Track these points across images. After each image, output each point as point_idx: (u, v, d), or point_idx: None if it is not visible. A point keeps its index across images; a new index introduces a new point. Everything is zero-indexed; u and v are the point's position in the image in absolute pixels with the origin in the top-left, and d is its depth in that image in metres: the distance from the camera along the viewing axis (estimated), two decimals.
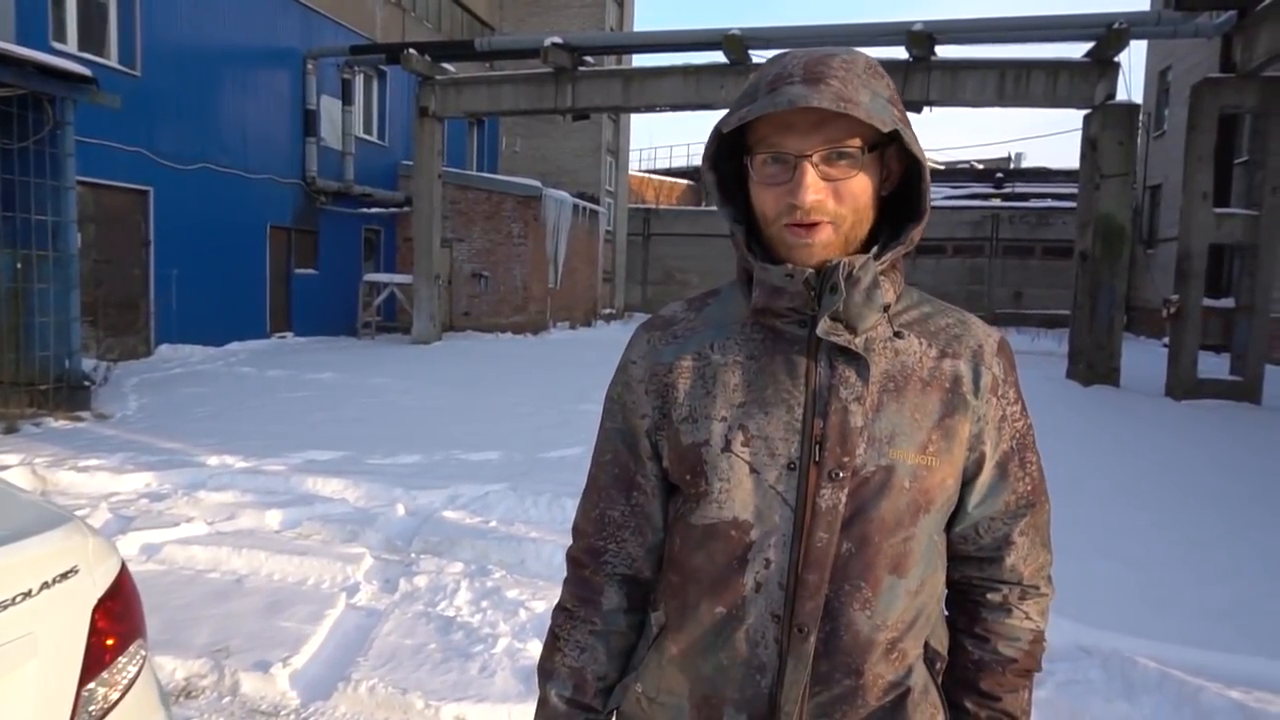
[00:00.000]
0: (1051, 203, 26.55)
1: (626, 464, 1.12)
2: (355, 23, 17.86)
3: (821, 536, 0.97)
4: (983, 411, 1.03)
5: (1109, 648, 3.40)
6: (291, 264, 16.41)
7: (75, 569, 1.50)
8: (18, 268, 7.77)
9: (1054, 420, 8.95)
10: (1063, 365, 13.38)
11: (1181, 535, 5.10)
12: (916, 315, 1.06)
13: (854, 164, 0.96)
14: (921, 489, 0.99)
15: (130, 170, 12.32)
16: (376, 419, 8.28)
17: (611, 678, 1.14)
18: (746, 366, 1.03)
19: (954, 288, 25.83)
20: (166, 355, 12.75)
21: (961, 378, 1.03)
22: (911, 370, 1.02)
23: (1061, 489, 5.88)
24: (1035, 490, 1.09)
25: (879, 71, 0.99)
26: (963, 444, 1.02)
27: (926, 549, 1.02)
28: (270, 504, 5.22)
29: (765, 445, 1.00)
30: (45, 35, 10.95)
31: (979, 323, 1.09)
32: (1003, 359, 1.06)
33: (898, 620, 1.00)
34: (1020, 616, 1.09)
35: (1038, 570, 1.10)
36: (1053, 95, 13.02)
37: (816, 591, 0.97)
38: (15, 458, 6.10)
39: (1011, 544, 1.08)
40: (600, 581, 1.14)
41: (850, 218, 0.98)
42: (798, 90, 0.92)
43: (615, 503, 1.13)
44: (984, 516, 1.07)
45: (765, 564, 0.99)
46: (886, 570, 0.98)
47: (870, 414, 0.99)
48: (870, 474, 0.98)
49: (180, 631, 3.46)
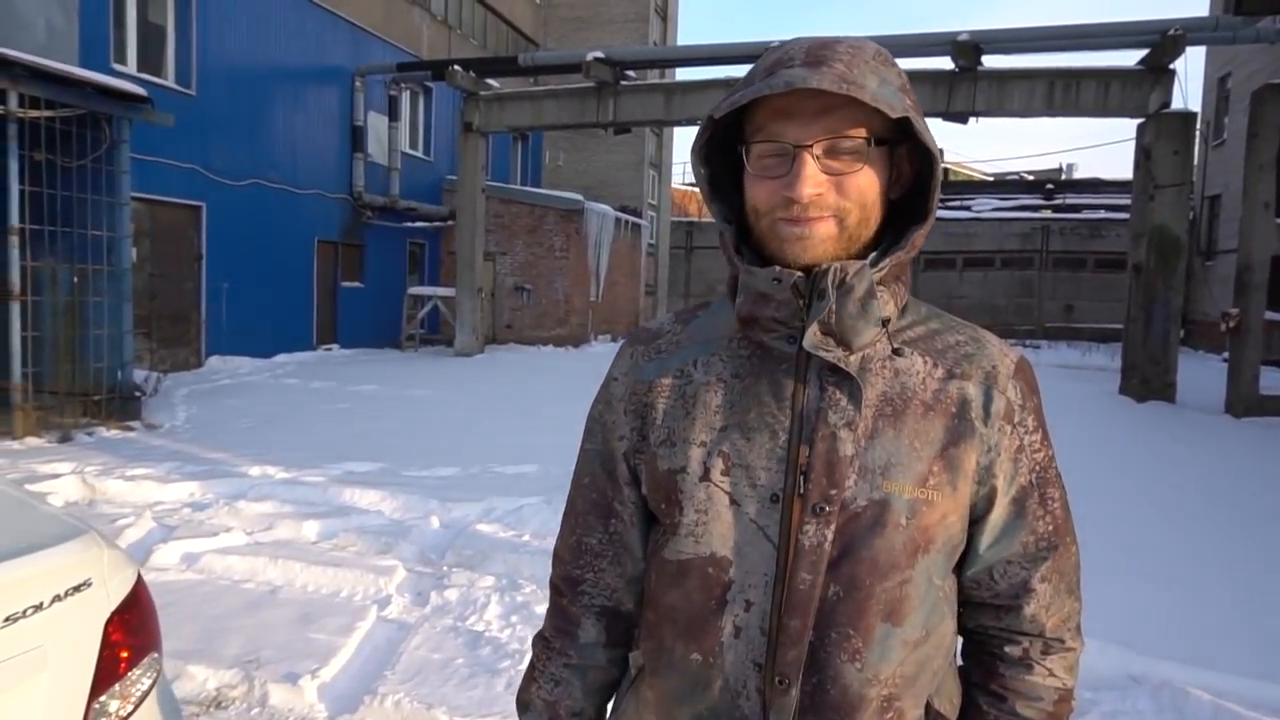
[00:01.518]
0: (1105, 214, 25.94)
1: (604, 489, 1.04)
2: (402, 40, 18.20)
3: (804, 578, 0.87)
4: (994, 440, 0.91)
5: (1159, 677, 3.26)
6: (338, 277, 16.70)
7: (89, 582, 1.50)
8: (74, 282, 8.01)
9: (1103, 438, 8.70)
10: (1115, 381, 13.02)
11: (1238, 560, 4.89)
12: (922, 331, 0.95)
13: (859, 157, 0.87)
14: (920, 526, 0.88)
15: (184, 186, 12.67)
16: (416, 431, 8.35)
17: (588, 714, 1.08)
18: (730, 386, 0.93)
19: (1002, 300, 25.38)
20: (216, 367, 13.04)
21: (970, 402, 0.91)
22: (913, 393, 0.91)
23: (1109, 510, 5.73)
24: (1059, 531, 0.96)
25: (889, 60, 0.90)
26: (969, 477, 0.90)
27: (927, 595, 0.90)
28: (308, 515, 5.28)
29: (746, 474, 0.90)
30: (107, 57, 11.33)
31: (995, 340, 0.97)
32: (1021, 382, 0.94)
33: (893, 674, 0.89)
34: (1043, 673, 0.96)
35: (1063, 621, 0.97)
36: (1104, 104, 12.71)
37: (799, 639, 0.87)
38: (67, 466, 6.26)
39: (1031, 591, 0.95)
40: (577, 613, 1.07)
41: (856, 213, 0.88)
42: (797, 72, 0.83)
43: (592, 530, 1.05)
44: (999, 559, 0.95)
45: (745, 606, 0.89)
46: (879, 617, 0.87)
47: (863, 441, 0.88)
48: (861, 509, 0.87)
49: (213, 641, 3.50)
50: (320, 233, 16.08)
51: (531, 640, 1.14)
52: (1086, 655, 3.47)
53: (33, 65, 7.07)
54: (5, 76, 6.96)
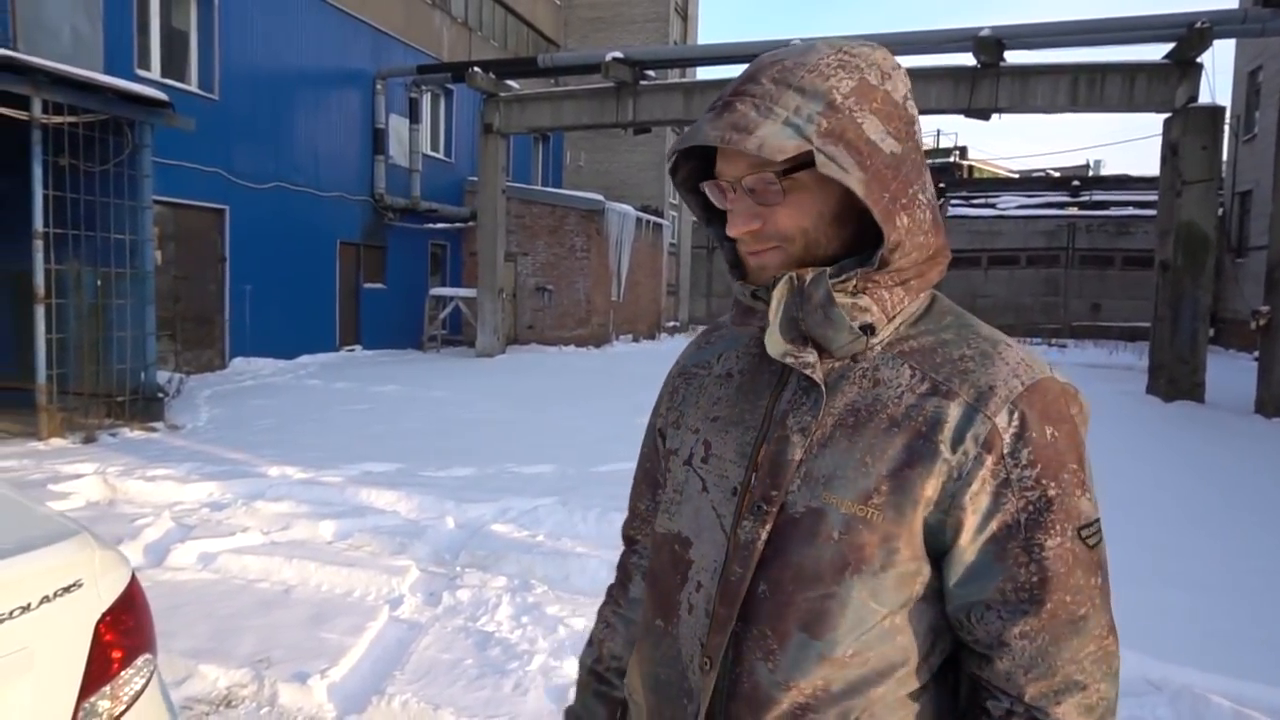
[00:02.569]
0: (1133, 211, 25.56)
1: (655, 460, 1.13)
2: (423, 43, 18.30)
3: (736, 570, 0.89)
4: (967, 469, 0.82)
5: (1179, 683, 3.19)
6: (360, 279, 16.83)
7: (79, 582, 1.50)
8: (98, 284, 8.12)
9: (1128, 438, 8.56)
10: (1143, 380, 12.82)
11: (1263, 563, 4.78)
12: (929, 342, 0.89)
13: (779, 190, 0.86)
14: (853, 544, 0.84)
15: (208, 190, 12.82)
16: (435, 431, 8.38)
17: (626, 660, 1.14)
18: (733, 381, 0.98)
19: (1028, 299, 25.09)
20: (239, 368, 13.18)
21: (943, 422, 0.83)
22: (882, 406, 0.86)
23: (1131, 511, 5.63)
24: (1049, 585, 0.82)
25: (834, 67, 0.85)
26: (922, 503, 0.83)
27: (860, 617, 0.85)
28: (324, 515, 5.31)
29: (719, 465, 0.95)
30: (131, 63, 11.49)
31: (1014, 360, 0.86)
32: (1025, 409, 0.83)
33: (809, 685, 0.85)
34: None
35: (1051, 693, 0.83)
36: (1129, 99, 12.52)
37: (724, 626, 0.89)
38: (90, 466, 6.34)
39: (1005, 645, 0.84)
40: (631, 568, 1.18)
41: (799, 240, 0.88)
42: (703, 121, 0.86)
43: (643, 496, 1.16)
44: (973, 601, 0.86)
45: (697, 587, 0.94)
46: (796, 625, 0.86)
47: (815, 449, 0.86)
48: (799, 515, 0.86)
49: (225, 640, 3.52)
50: (342, 234, 16.22)
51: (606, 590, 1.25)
52: None
53: (55, 71, 7.17)
54: (29, 83, 7.07)
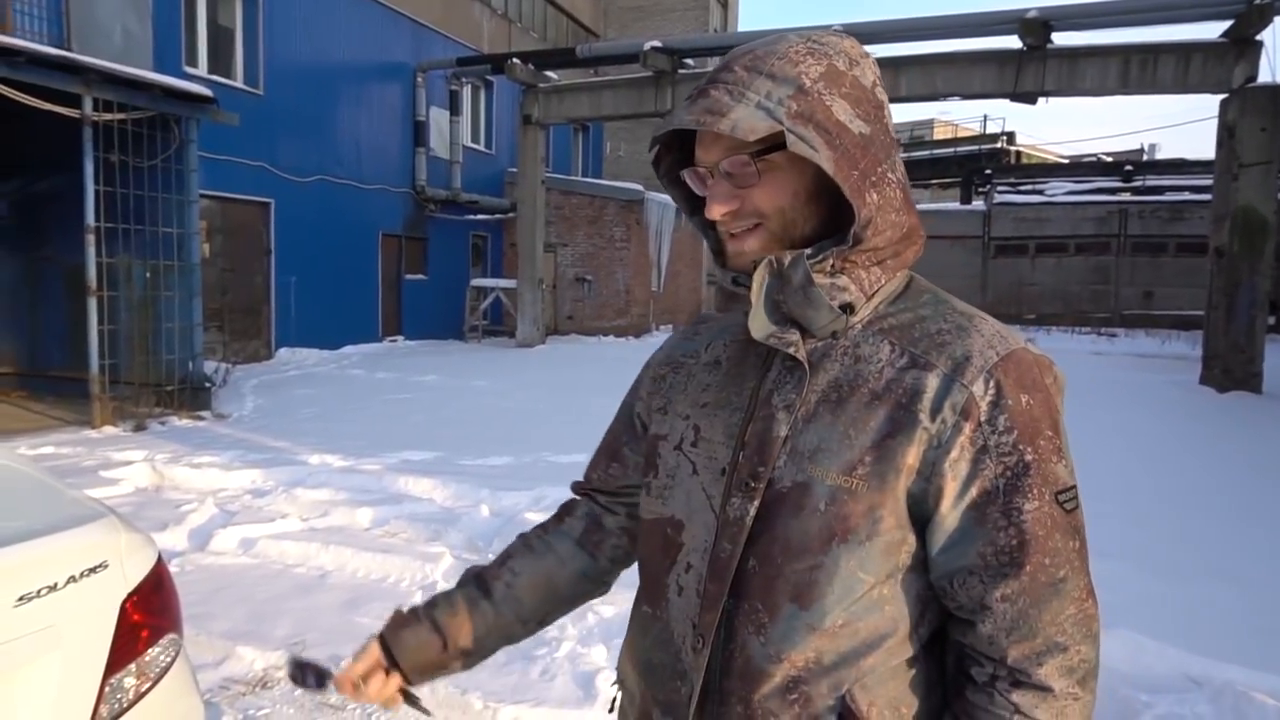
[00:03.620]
0: (1189, 196, 24.77)
1: (619, 435, 1.17)
2: (463, 35, 18.42)
3: (725, 547, 0.92)
4: (945, 437, 0.85)
5: (1221, 680, 3.10)
6: (402, 270, 17.05)
7: (105, 564, 1.55)
8: (147, 277, 8.35)
9: (1178, 430, 8.33)
10: (1196, 371, 12.46)
11: None
12: (906, 319, 0.92)
13: (753, 171, 0.90)
14: (839, 515, 0.86)
15: (254, 183, 13.08)
16: (473, 420, 8.47)
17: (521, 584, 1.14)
18: (721, 368, 1.01)
19: (1076, 288, 24.50)
20: (285, 358, 13.46)
21: (922, 393, 0.86)
22: (863, 380, 0.89)
23: (1179, 503, 5.49)
24: (1028, 547, 0.85)
25: (803, 53, 0.89)
26: (904, 472, 0.86)
27: (847, 586, 0.87)
28: (362, 502, 5.40)
29: (708, 448, 0.97)
30: (179, 61, 11.75)
31: (989, 331, 0.90)
32: (1000, 377, 0.86)
33: (800, 657, 0.88)
34: (1005, 708, 0.86)
35: (1032, 654, 0.85)
36: (1184, 80, 12.12)
37: (715, 603, 0.92)
38: (140, 454, 6.53)
39: (987, 609, 0.86)
40: (571, 505, 1.21)
41: (776, 219, 0.92)
42: (680, 107, 0.90)
43: (598, 465, 1.19)
44: (956, 568, 0.88)
45: (687, 568, 0.96)
46: (786, 597, 0.89)
47: (800, 424, 0.90)
48: (786, 489, 0.89)
49: (263, 623, 3.61)
50: (384, 226, 16.43)
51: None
52: (1143, 654, 3.31)
53: (105, 70, 7.37)
54: (80, 81, 7.27)
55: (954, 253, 24.79)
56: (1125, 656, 3.26)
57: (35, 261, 9.19)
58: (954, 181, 29.54)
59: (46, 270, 9.10)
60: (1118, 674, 3.15)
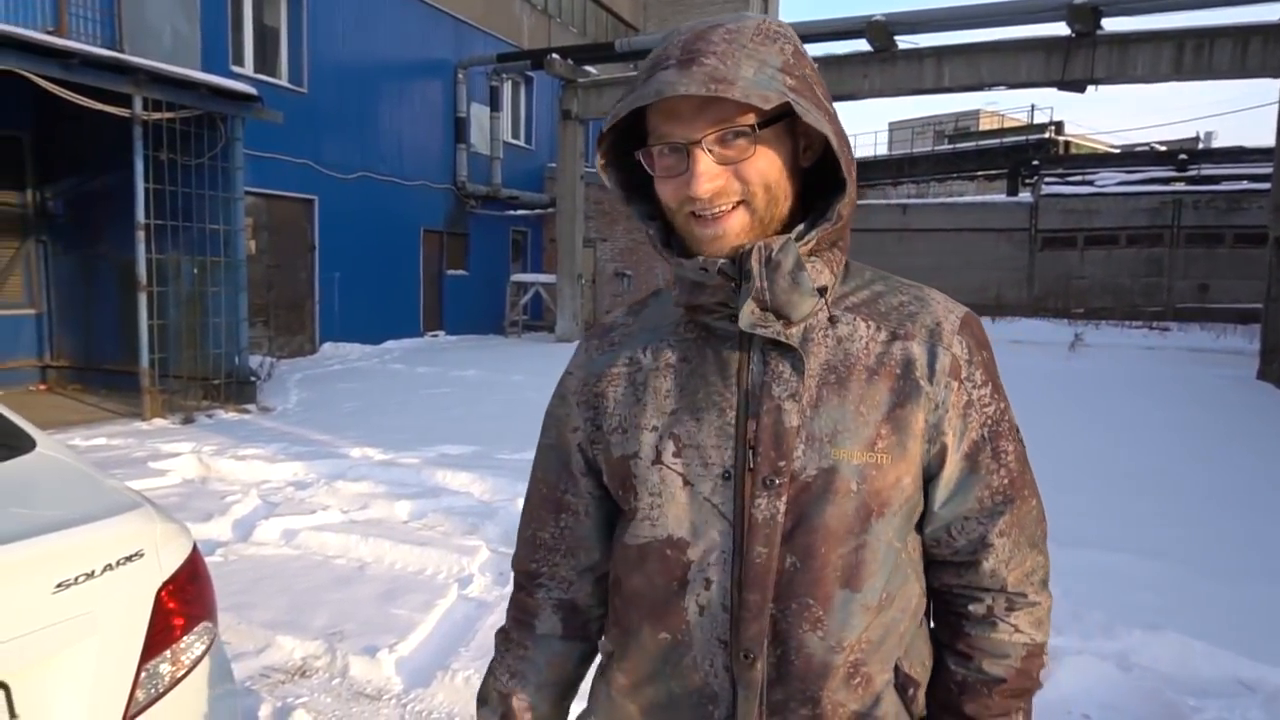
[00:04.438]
0: (1247, 185, 23.97)
1: (555, 483, 1.06)
2: (503, 31, 18.52)
3: (760, 551, 0.88)
4: (941, 397, 0.91)
5: (1275, 684, 3.00)
6: (443, 265, 17.22)
7: (140, 552, 1.58)
8: (195, 273, 8.54)
9: (1232, 425, 8.09)
10: (1253, 365, 12.07)
11: None
12: (866, 296, 0.95)
13: (751, 140, 0.85)
14: (872, 490, 0.88)
15: (298, 181, 13.30)
16: (512, 415, 8.52)
17: (541, 708, 1.07)
18: (679, 370, 0.95)
19: (1127, 281, 23.88)
20: (328, 353, 13.68)
21: (914, 361, 0.91)
22: (856, 358, 0.91)
23: (1230, 502, 5.32)
24: (1015, 484, 0.95)
25: (772, 34, 0.88)
26: (918, 436, 0.90)
27: (886, 558, 0.90)
28: (401, 495, 5.46)
29: (698, 454, 0.91)
30: (226, 60, 11.99)
31: (940, 298, 0.97)
32: (967, 336, 0.94)
33: (858, 640, 0.89)
34: (1008, 630, 0.95)
35: (1025, 576, 0.96)
36: (1241, 65, 11.74)
37: (760, 612, 0.88)
38: (188, 446, 6.69)
39: (989, 546, 0.94)
40: (535, 605, 1.08)
41: (761, 195, 0.88)
42: (668, 76, 0.83)
43: (545, 524, 1.07)
44: (955, 516, 0.94)
45: (706, 585, 0.90)
46: (837, 584, 0.88)
47: (808, 411, 0.89)
48: (811, 478, 0.88)
49: (302, 613, 3.67)
50: (426, 222, 16.61)
51: (494, 635, 1.14)
52: (1192, 657, 3.22)
53: (154, 70, 7.54)
54: (131, 81, 7.45)
55: (1000, 246, 24.34)
56: (1172, 659, 3.17)
57: (90, 258, 9.45)
58: (1000, 173, 28.97)
59: (100, 266, 9.35)
60: (1164, 677, 3.07)
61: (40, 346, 9.80)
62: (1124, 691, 2.98)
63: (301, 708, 2.93)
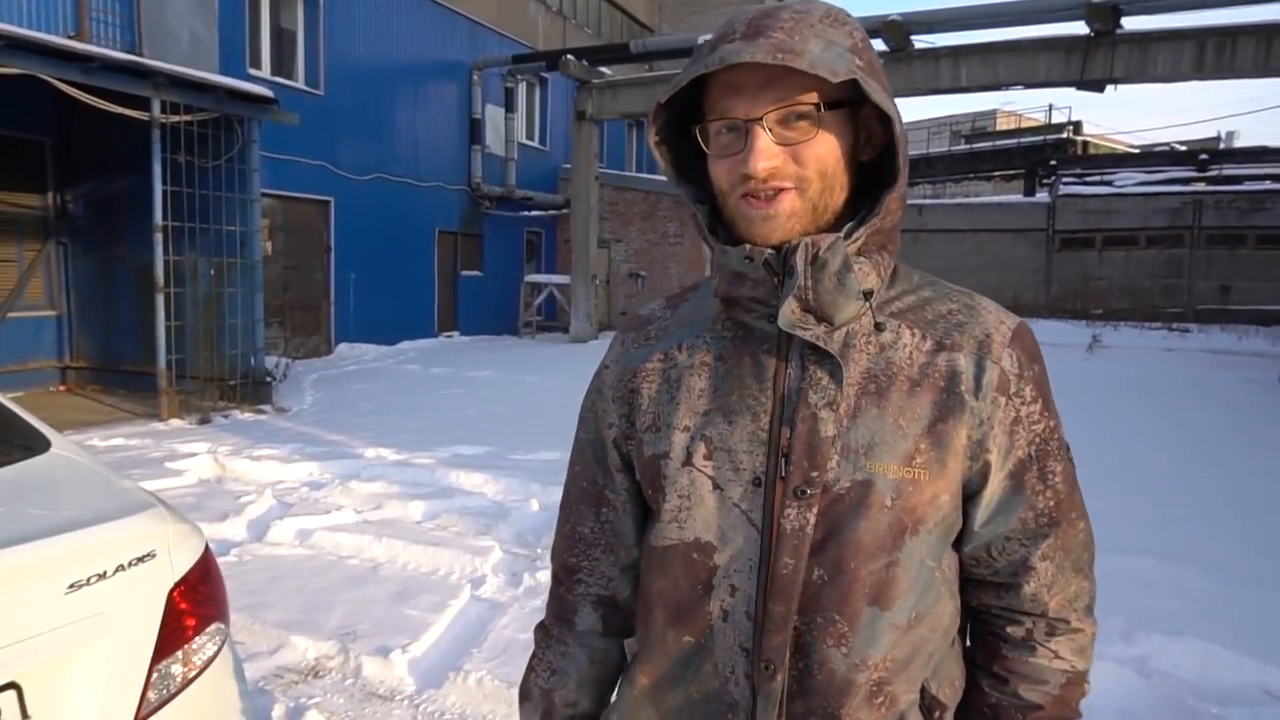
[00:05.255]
0: (1270, 185, 23.68)
1: (594, 478, 1.04)
2: (518, 33, 18.55)
3: (787, 562, 0.85)
4: (987, 413, 0.87)
5: None
6: (458, 266, 17.26)
7: (153, 553, 1.58)
8: (212, 274, 8.59)
9: (1255, 429, 7.98)
10: (1276, 368, 11.93)
11: None
12: (913, 301, 0.92)
13: (813, 123, 0.83)
14: (907, 507, 0.85)
15: (314, 182, 13.36)
16: (525, 415, 8.53)
17: (583, 705, 1.06)
18: (714, 369, 0.92)
19: (1147, 282, 23.65)
20: (344, 353, 13.74)
21: (960, 374, 0.87)
22: (898, 368, 0.87)
23: (1252, 507, 5.25)
24: (1061, 506, 0.91)
25: (841, 19, 0.86)
26: (959, 453, 0.86)
27: (919, 577, 0.87)
28: (415, 495, 5.47)
29: (729, 458, 0.89)
30: (243, 64, 12.05)
31: (992, 307, 0.93)
32: (1018, 350, 0.89)
33: (883, 659, 0.86)
34: (1047, 655, 0.93)
35: (1068, 602, 0.93)
36: (1265, 64, 11.58)
37: (783, 624, 0.85)
38: (204, 446, 6.73)
39: (1031, 569, 0.91)
40: (574, 601, 1.06)
41: (817, 182, 0.85)
42: (734, 46, 0.81)
43: (584, 519, 1.05)
44: (996, 536, 0.91)
45: (731, 591, 0.88)
46: (865, 601, 0.85)
47: (845, 421, 0.85)
48: (844, 490, 0.85)
49: (316, 614, 3.67)
50: (441, 223, 16.65)
51: (534, 630, 1.13)
52: (1214, 664, 3.17)
53: (171, 73, 7.59)
54: (149, 85, 7.51)
55: (1017, 246, 24.17)
56: (1194, 666, 3.13)
57: (109, 260, 9.53)
58: (1017, 173, 28.76)
59: (119, 268, 9.43)
60: (1185, 684, 3.02)
61: (60, 348, 9.89)
62: (1144, 698, 2.94)
63: (314, 708, 2.93)
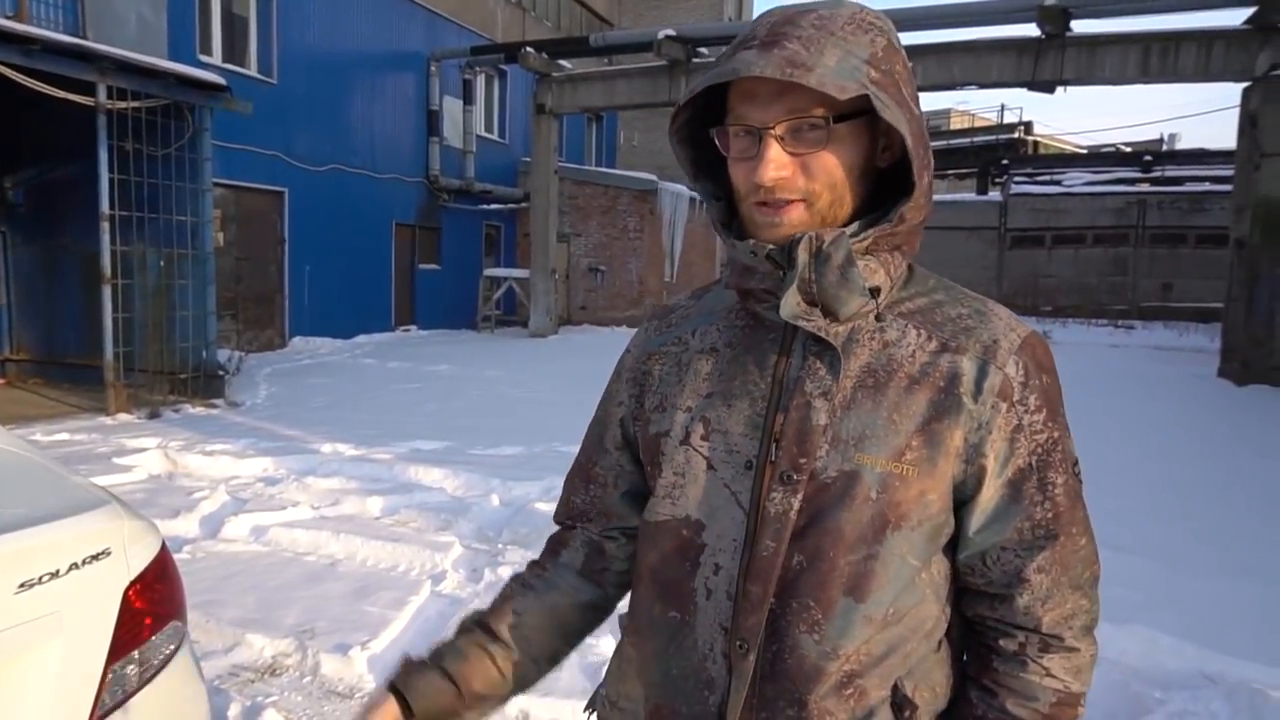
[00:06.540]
0: (1209, 186, 24.43)
1: (590, 454, 1.11)
2: (477, 24, 18.37)
3: (768, 545, 0.87)
4: (986, 418, 0.87)
5: (1236, 677, 3.06)
6: (415, 260, 17.07)
7: (107, 551, 1.54)
8: (161, 265, 8.38)
9: (1192, 421, 8.24)
10: (1214, 363, 12.32)
11: None
12: (924, 303, 0.93)
13: (823, 135, 0.84)
14: (891, 502, 0.86)
15: (268, 172, 13.11)
16: (485, 410, 8.47)
17: (530, 622, 1.06)
18: (722, 354, 0.96)
19: (1094, 279, 24.25)
20: (299, 347, 13.51)
21: (961, 376, 0.87)
22: (899, 365, 0.89)
23: (1195, 497, 5.42)
24: (1060, 519, 0.90)
25: (866, 25, 0.86)
26: (951, 455, 0.87)
27: (899, 573, 0.87)
28: (373, 491, 5.41)
29: (724, 440, 0.92)
30: (193, 50, 11.77)
31: (1004, 315, 0.93)
32: (1025, 359, 0.89)
33: (856, 651, 0.87)
34: (1039, 672, 0.91)
35: (1063, 618, 0.91)
36: (1205, 68, 11.94)
37: (759, 605, 0.87)
38: (153, 441, 6.57)
39: (1025, 581, 0.90)
40: (568, 537, 1.12)
41: (825, 195, 0.87)
42: (749, 56, 0.82)
43: (577, 490, 1.12)
44: (991, 545, 0.91)
45: (715, 569, 0.91)
46: (841, 591, 0.86)
47: (839, 412, 0.87)
48: (831, 479, 0.86)
49: (273, 611, 3.62)
50: (398, 216, 16.45)
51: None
52: (1158, 650, 3.27)
53: (119, 58, 7.39)
54: (95, 69, 7.29)
55: (970, 244, 24.60)
56: (1140, 652, 3.22)
57: (51, 249, 9.25)
58: (970, 172, 29.28)
59: (62, 258, 9.16)
60: (1131, 670, 3.11)
61: (0, 340, 9.58)
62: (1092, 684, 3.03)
63: (272, 707, 2.89)
